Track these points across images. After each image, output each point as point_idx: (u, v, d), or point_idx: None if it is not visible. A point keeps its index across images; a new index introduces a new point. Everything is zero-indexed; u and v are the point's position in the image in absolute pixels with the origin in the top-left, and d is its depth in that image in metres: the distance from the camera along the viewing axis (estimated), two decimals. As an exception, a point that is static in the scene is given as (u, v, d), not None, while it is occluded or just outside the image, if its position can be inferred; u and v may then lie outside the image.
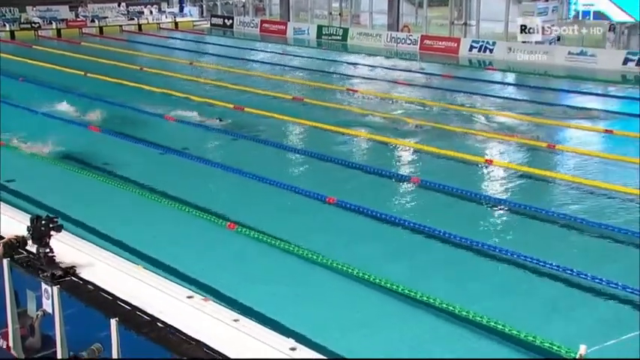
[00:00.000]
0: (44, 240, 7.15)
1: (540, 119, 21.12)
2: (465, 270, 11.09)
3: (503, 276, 10.91)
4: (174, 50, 36.93)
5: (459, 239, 11.87)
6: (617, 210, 13.61)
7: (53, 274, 6.87)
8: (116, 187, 14.63)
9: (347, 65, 32.40)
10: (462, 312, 9.32)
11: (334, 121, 20.53)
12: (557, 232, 12.66)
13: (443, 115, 21.84)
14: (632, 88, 27.38)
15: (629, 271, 10.69)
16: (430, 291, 9.82)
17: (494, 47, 33.75)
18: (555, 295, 10.25)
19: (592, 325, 9.07)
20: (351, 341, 8.77)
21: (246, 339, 7.62)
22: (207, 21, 48.99)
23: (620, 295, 9.97)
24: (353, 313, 9.68)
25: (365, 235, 12.46)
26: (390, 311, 9.76)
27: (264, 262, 11.26)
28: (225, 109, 22.11)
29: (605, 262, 11.15)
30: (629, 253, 11.63)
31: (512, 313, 9.43)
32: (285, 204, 13.96)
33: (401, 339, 9.02)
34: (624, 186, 14.61)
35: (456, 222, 12.72)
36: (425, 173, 15.71)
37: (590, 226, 12.60)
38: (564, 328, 9.02)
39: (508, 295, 10.25)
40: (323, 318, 9.42)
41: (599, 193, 14.52)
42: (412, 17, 40.79)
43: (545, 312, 9.72)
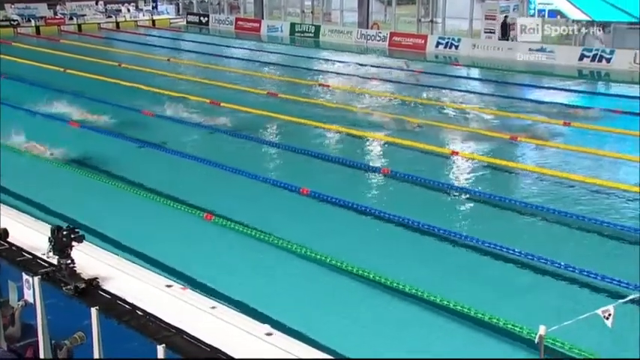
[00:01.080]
0: (66, 251, 6.82)
1: (503, 112, 21.32)
2: (430, 256, 11.16)
3: (469, 261, 10.99)
4: (151, 47, 36.52)
5: (426, 226, 11.95)
6: (575, 198, 13.78)
7: (76, 286, 6.57)
8: (95, 180, 14.49)
9: (319, 61, 32.35)
10: (429, 296, 9.40)
11: (307, 115, 20.51)
12: (520, 220, 12.80)
13: (411, 108, 21.94)
14: (588, 82, 27.76)
15: (586, 255, 10.88)
16: (400, 277, 9.88)
17: (460, 44, 33.90)
18: (517, 279, 10.36)
19: (552, 306, 9.17)
20: (326, 327, 8.79)
21: (224, 325, 7.59)
22: (184, 18, 48.56)
23: (578, 278, 10.12)
24: (327, 298, 9.70)
25: (337, 224, 12.49)
26: (362, 297, 9.78)
27: (241, 252, 11.24)
28: (202, 103, 21.98)
29: (563, 248, 11.28)
30: (587, 239, 11.81)
31: (476, 296, 9.51)
32: (261, 195, 13.93)
33: (375, 322, 9.08)
34: (582, 175, 14.81)
35: (422, 210, 12.79)
36: (394, 164, 15.76)
37: (551, 213, 12.76)
38: (525, 310, 9.10)
39: (474, 279, 10.33)
40: (297, 304, 9.43)
41: (559, 182, 14.68)
42: (381, 15, 40.86)
43: (508, 295, 9.81)
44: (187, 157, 16.20)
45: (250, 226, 11.93)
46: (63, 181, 14.68)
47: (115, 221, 12.25)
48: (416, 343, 8.59)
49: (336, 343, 8.08)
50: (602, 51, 29.50)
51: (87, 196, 13.66)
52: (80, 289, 6.49)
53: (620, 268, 10.17)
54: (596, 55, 29.51)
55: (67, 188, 14.16)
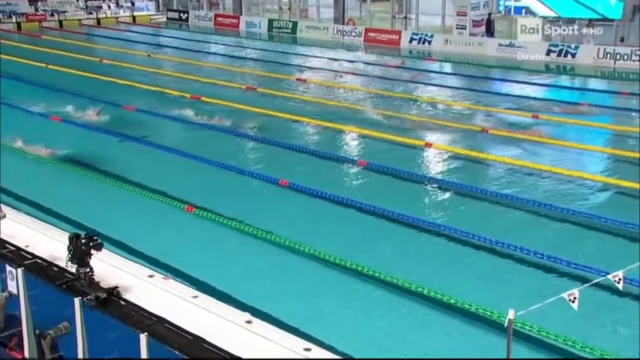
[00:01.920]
0: (85, 260, 6.59)
1: (475, 105, 21.45)
2: (405, 244, 11.22)
3: (442, 249, 11.07)
4: (132, 43, 36.15)
5: (400, 216, 12.00)
6: (542, 187, 13.92)
7: (97, 296, 6.35)
8: (77, 174, 14.35)
9: (297, 56, 32.27)
10: (404, 283, 9.45)
11: (285, 109, 20.47)
12: (490, 209, 12.89)
13: (386, 101, 21.97)
14: (554, 76, 27.99)
15: (553, 242, 11.00)
16: (377, 265, 9.92)
17: (433, 39, 34.00)
18: (488, 265, 10.45)
19: (520, 291, 9.27)
20: (304, 313, 8.81)
21: (205, 314, 7.58)
22: (164, 15, 48.13)
23: (545, 264, 10.23)
24: (304, 286, 9.72)
25: (314, 214, 12.50)
26: (334, 283, 9.82)
27: (221, 242, 11.21)
28: (182, 98, 21.84)
29: (530, 234, 11.39)
30: (554, 226, 11.94)
31: (449, 281, 9.59)
32: (240, 187, 13.89)
33: (347, 307, 9.12)
34: (549, 165, 14.96)
35: (396, 200, 12.84)
36: (370, 156, 15.79)
37: (520, 202, 12.87)
38: (496, 295, 9.19)
39: (445, 266, 10.40)
40: (276, 292, 9.44)
41: (527, 172, 14.80)
42: (357, 11, 40.81)
43: (479, 281, 9.88)
44: (168, 151, 16.09)
45: (230, 217, 11.90)
46: (43, 174, 14.52)
47: (97, 213, 12.15)
48: (391, 328, 8.63)
49: (314, 330, 8.10)
50: (568, 46, 29.75)
51: (67, 188, 13.55)
52: (102, 299, 6.28)
53: (584, 254, 10.31)
54: (562, 50, 29.76)
55: (45, 181, 14.03)
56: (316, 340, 7.74)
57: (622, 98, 23.06)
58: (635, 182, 13.77)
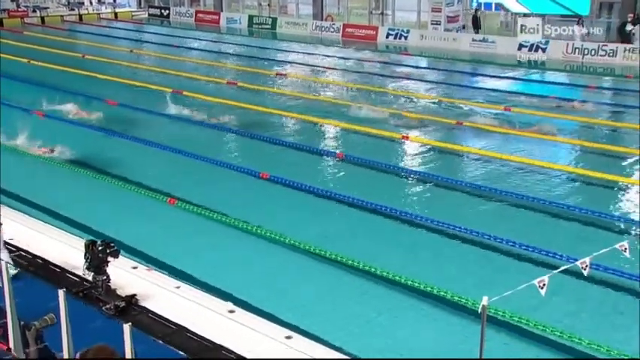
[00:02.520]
0: (102, 268, 6.40)
1: (448, 98, 21.55)
2: (382, 234, 11.26)
3: (416, 238, 11.13)
4: (114, 39, 35.78)
5: (379, 207, 12.04)
6: (514, 177, 14.03)
7: (117, 305, 6.17)
8: (60, 167, 14.22)
9: (277, 52, 32.15)
10: (382, 272, 9.49)
11: (265, 103, 20.43)
12: (464, 199, 12.98)
13: (364, 94, 21.99)
14: (526, 70, 28.18)
15: (524, 230, 11.10)
16: (356, 255, 9.96)
17: (409, 35, 34.05)
18: (462, 253, 10.53)
19: (493, 277, 9.35)
20: (284, 302, 8.82)
21: (188, 304, 7.58)
22: (145, 11, 47.69)
23: (515, 251, 10.33)
24: (284, 276, 9.72)
25: (294, 205, 12.50)
26: (314, 272, 9.84)
27: (203, 234, 11.18)
28: (164, 92, 21.68)
29: (503, 223, 11.50)
30: (524, 215, 12.04)
31: (425, 270, 9.65)
32: (223, 180, 13.85)
33: (326, 295, 9.14)
34: (520, 156, 15.08)
35: (374, 191, 12.88)
36: (348, 149, 15.81)
37: (493, 192, 12.97)
38: (469, 282, 9.27)
39: (422, 255, 10.47)
40: (256, 281, 9.43)
41: (500, 163, 14.90)
42: (335, 7, 40.75)
43: (454, 268, 9.96)
44: (151, 145, 15.99)
45: (212, 209, 11.87)
46: (28, 168, 14.35)
47: (80, 206, 12.07)
48: (369, 316, 8.67)
49: (293, 318, 8.12)
50: (538, 41, 29.96)
51: (52, 182, 13.42)
52: (121, 308, 6.11)
53: (553, 241, 10.42)
54: (533, 45, 29.96)
55: (33, 175, 13.88)
56: (296, 328, 7.79)
57: (589, 92, 23.29)
58: (602, 172, 13.98)
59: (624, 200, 12.97)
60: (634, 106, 19.90)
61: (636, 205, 12.60)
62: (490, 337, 6.20)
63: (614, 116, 18.94)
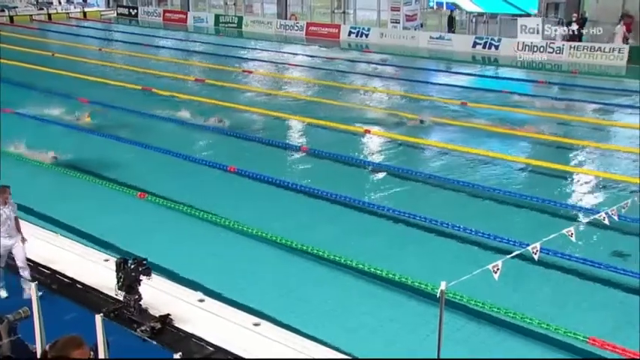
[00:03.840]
0: (134, 287, 6.03)
1: (409, 94, 21.67)
2: (344, 224, 11.27)
3: (378, 227, 11.19)
4: (84, 38, 35.09)
5: (341, 197, 12.07)
6: (470, 169, 14.20)
7: (152, 327, 5.76)
8: (30, 164, 13.92)
9: (243, 50, 31.91)
10: (347, 261, 9.52)
11: (231, 99, 20.29)
12: (423, 190, 13.09)
13: (327, 90, 21.99)
14: (480, 66, 28.49)
15: (480, 218, 11.25)
16: (321, 244, 9.98)
17: (370, 32, 34.11)
18: (423, 241, 10.63)
19: (451, 263, 9.45)
20: (251, 290, 8.79)
21: (160, 295, 7.51)
22: (114, 10, 46.86)
23: (472, 238, 10.46)
24: (251, 265, 9.69)
25: (260, 197, 12.46)
26: (279, 261, 9.84)
27: (172, 226, 11.07)
28: (134, 90, 21.39)
29: (460, 212, 11.62)
30: (481, 204, 12.20)
31: (385, 257, 9.72)
32: (191, 174, 13.72)
33: (292, 282, 9.15)
34: (476, 149, 15.25)
35: (337, 183, 12.91)
36: (312, 142, 15.80)
37: (450, 182, 13.11)
38: (428, 268, 9.36)
39: (384, 243, 10.53)
40: (226, 271, 9.39)
41: (458, 155, 15.05)
42: (298, 7, 40.61)
43: (414, 255, 10.04)
44: (122, 141, 15.76)
45: (182, 202, 11.76)
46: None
47: (54, 202, 11.85)
48: (334, 302, 8.70)
49: (262, 305, 8.11)
50: (492, 39, 30.30)
51: (26, 179, 13.13)
52: (157, 330, 5.74)
53: (507, 228, 10.58)
54: (487, 42, 30.29)
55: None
56: (265, 315, 7.78)
57: (539, 86, 23.68)
58: (550, 162, 14.24)
59: (572, 188, 13.24)
60: (580, 100, 20.31)
61: (583, 193, 12.90)
62: (448, 319, 6.28)
63: (561, 110, 19.25)
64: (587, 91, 21.98)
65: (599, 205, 11.49)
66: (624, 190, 12.49)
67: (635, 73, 25.54)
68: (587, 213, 11.10)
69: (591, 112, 18.87)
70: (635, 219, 10.31)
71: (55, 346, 3.80)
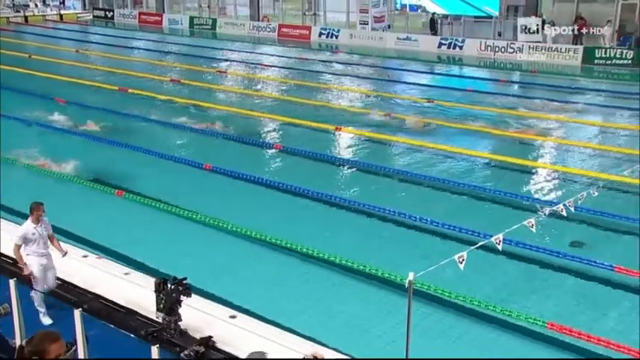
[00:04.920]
0: (175, 308, 5.59)
1: (377, 92, 21.75)
2: (317, 218, 11.28)
3: (349, 221, 11.22)
4: (60, 40, 34.54)
5: (313, 193, 12.08)
6: (438, 164, 14.30)
7: (196, 351, 5.33)
8: (13, 164, 13.66)
9: (217, 51, 31.69)
10: (319, 254, 9.53)
11: (206, 99, 20.15)
12: (391, 184, 13.15)
13: (299, 90, 21.96)
14: (446, 66, 28.71)
15: (445, 210, 11.35)
16: (294, 238, 9.97)
17: (339, 34, 34.14)
18: (392, 234, 10.68)
19: (417, 255, 9.51)
20: (229, 284, 8.77)
21: (136, 289, 7.44)
22: (90, 13, 46.14)
23: (438, 230, 10.55)
24: (228, 260, 9.66)
25: (236, 193, 12.41)
26: (255, 256, 9.79)
27: (149, 223, 10.97)
28: (111, 90, 21.11)
29: (427, 205, 11.70)
30: (448, 198, 12.30)
31: (357, 250, 9.75)
32: (168, 171, 13.61)
33: (267, 276, 9.12)
34: (442, 144, 15.36)
35: (310, 179, 12.91)
36: (285, 140, 15.77)
37: (418, 177, 13.20)
38: (397, 259, 9.40)
39: (354, 236, 10.57)
40: (204, 265, 9.32)
41: (426, 151, 15.15)
42: (270, 9, 40.47)
43: (383, 247, 10.10)
44: (98, 140, 15.55)
45: (158, 199, 11.66)
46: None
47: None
48: (307, 292, 8.71)
49: (239, 299, 8.09)
50: (456, 40, 30.55)
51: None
52: (201, 354, 5.31)
53: (472, 221, 10.69)
54: (451, 43, 30.53)
55: None
56: (240, 308, 7.76)
57: (501, 85, 23.96)
58: (512, 157, 14.43)
59: (533, 182, 13.43)
60: (541, 98, 20.59)
61: (542, 186, 13.09)
62: (417, 309, 6.33)
63: (521, 107, 19.49)
64: (545, 89, 22.31)
65: (558, 198, 11.67)
66: (579, 183, 12.70)
67: (588, 71, 26.08)
68: (546, 205, 11.27)
69: (549, 109, 19.13)
70: (591, 210, 10.54)
71: (31, 342, 3.76)
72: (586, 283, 9.02)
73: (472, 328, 7.90)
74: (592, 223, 10.72)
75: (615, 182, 12.01)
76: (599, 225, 10.73)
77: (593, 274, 9.12)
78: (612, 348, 7.30)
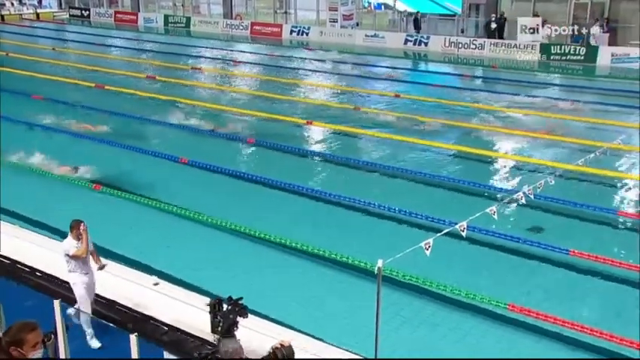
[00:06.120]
0: (232, 330, 5.14)
1: (346, 87, 21.75)
2: (291, 210, 11.25)
3: (319, 211, 11.22)
4: (37, 38, 33.77)
5: (287, 185, 12.05)
6: (407, 156, 14.37)
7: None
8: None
9: (191, 48, 31.33)
10: (291, 243, 9.53)
11: (181, 94, 19.92)
12: (363, 176, 13.17)
13: (271, 86, 21.84)
14: (412, 61, 28.83)
15: (412, 199, 11.42)
16: (268, 229, 9.94)
17: (310, 31, 34.03)
18: (362, 224, 10.72)
19: (387, 242, 9.55)
20: (204, 272, 8.71)
21: (112, 279, 7.33)
22: (67, 12, 45.19)
23: (405, 219, 10.60)
24: (203, 249, 9.60)
25: (211, 186, 12.32)
26: (228, 245, 9.75)
27: (128, 214, 10.83)
28: (88, 87, 20.74)
29: (395, 195, 11.77)
30: (422, 190, 12.33)
31: (330, 239, 9.76)
32: (145, 166, 13.43)
33: (241, 265, 9.08)
34: (409, 137, 15.43)
35: (283, 171, 12.87)
36: (258, 134, 15.67)
37: (386, 169, 13.25)
38: (367, 248, 9.39)
39: (326, 226, 10.58)
40: (179, 258, 9.25)
41: (395, 144, 15.19)
42: (243, 7, 40.14)
43: (353, 236, 10.12)
44: (76, 135, 15.28)
45: (136, 192, 11.51)
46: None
47: (15, 195, 11.40)
48: (281, 281, 8.70)
49: (212, 287, 8.04)
50: (421, 36, 30.68)
51: None
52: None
53: (438, 209, 10.78)
54: (417, 40, 30.65)
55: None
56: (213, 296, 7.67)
57: (465, 80, 24.15)
58: (475, 148, 14.57)
59: (494, 172, 13.59)
60: (502, 92, 20.83)
61: (503, 175, 13.26)
62: (386, 295, 6.35)
63: (485, 101, 19.69)
64: (505, 83, 22.56)
65: (517, 186, 11.82)
66: (537, 172, 12.89)
67: (545, 66, 26.46)
68: (507, 193, 11.41)
69: (509, 102, 19.36)
70: (549, 197, 10.71)
71: (9, 332, 3.70)
72: (543, 265, 9.16)
73: (438, 312, 7.97)
74: (549, 210, 10.88)
75: (570, 171, 12.20)
76: (557, 211, 10.91)
77: (549, 257, 9.27)
78: (567, 326, 7.44)
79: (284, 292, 8.35)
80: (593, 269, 8.93)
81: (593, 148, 12.40)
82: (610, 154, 12.33)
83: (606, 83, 23.20)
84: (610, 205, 11.37)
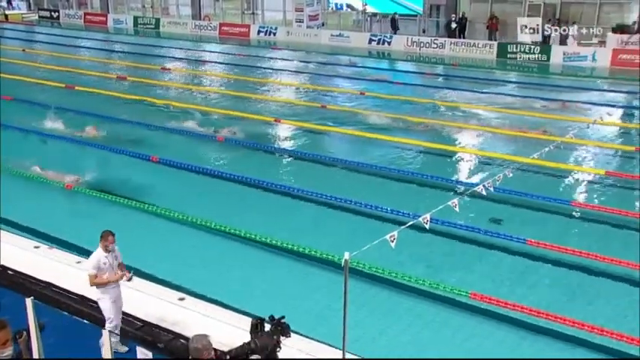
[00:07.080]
0: (275, 352, 4.62)
1: (313, 85, 21.72)
2: (261, 206, 11.21)
3: (292, 208, 11.19)
4: (7, 39, 32.82)
5: (257, 182, 11.98)
6: (366, 151, 14.42)
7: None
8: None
9: (161, 49, 30.89)
10: (261, 238, 9.46)
11: (152, 94, 19.64)
12: (329, 172, 13.18)
13: (240, 85, 21.68)
14: (375, 60, 28.94)
15: (376, 193, 11.47)
16: (238, 224, 9.87)
17: (277, 31, 33.89)
18: (329, 218, 10.73)
19: (353, 236, 9.58)
20: (173, 268, 8.61)
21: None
22: (36, 13, 44.07)
23: (371, 212, 10.64)
24: (174, 246, 9.49)
25: (181, 183, 12.19)
26: (199, 241, 9.66)
27: (98, 212, 10.61)
28: (57, 88, 20.27)
29: (360, 189, 11.80)
30: (387, 184, 12.39)
31: (299, 233, 9.75)
32: (117, 164, 13.20)
33: (211, 258, 9.02)
34: (372, 133, 15.51)
35: (252, 168, 12.81)
36: (228, 132, 15.53)
37: (351, 164, 13.28)
38: (334, 240, 9.40)
39: (296, 220, 10.56)
40: (155, 253, 9.13)
41: (362, 140, 15.23)
42: (211, 8, 39.73)
43: (320, 230, 10.13)
44: (45, 135, 14.95)
45: (108, 191, 11.31)
46: None
47: None
48: (249, 274, 8.66)
49: (188, 282, 7.96)
50: (385, 36, 30.83)
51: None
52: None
53: (402, 202, 10.85)
54: (381, 39, 30.79)
55: None
56: (189, 291, 7.63)
57: (427, 78, 24.36)
58: (436, 144, 14.71)
59: (455, 166, 13.75)
60: (460, 89, 21.06)
61: (464, 169, 13.43)
62: (353, 286, 6.36)
63: (444, 97, 19.90)
64: (465, 81, 22.83)
65: (478, 179, 11.99)
66: (495, 165, 13.08)
67: (502, 65, 26.87)
68: (467, 186, 11.56)
69: (468, 98, 19.59)
70: (507, 190, 10.88)
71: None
72: (504, 255, 9.31)
73: (403, 301, 8.03)
74: (508, 201, 11.06)
75: (526, 164, 12.41)
76: (514, 203, 11.10)
77: (508, 247, 9.43)
78: (525, 312, 7.59)
79: (250, 284, 8.30)
80: (546, 256, 9.11)
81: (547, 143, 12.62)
82: (564, 147, 12.57)
83: (558, 80, 23.70)
84: (564, 196, 11.61)
